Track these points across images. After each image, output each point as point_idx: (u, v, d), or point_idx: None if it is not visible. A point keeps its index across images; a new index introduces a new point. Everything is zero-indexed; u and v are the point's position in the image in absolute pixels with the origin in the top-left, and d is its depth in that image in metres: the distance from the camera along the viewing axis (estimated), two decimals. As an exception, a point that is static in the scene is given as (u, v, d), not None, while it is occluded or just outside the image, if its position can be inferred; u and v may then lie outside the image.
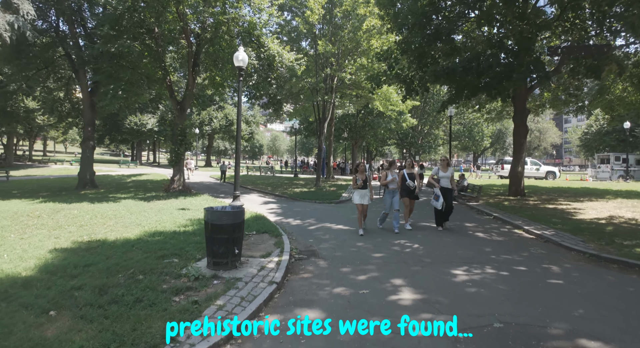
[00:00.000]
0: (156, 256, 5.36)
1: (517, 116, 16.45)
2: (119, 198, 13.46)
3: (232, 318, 3.47)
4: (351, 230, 8.22)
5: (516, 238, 7.62)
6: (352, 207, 12.39)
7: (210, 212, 4.71)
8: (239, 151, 9.92)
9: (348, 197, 15.12)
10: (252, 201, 13.95)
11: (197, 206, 11.21)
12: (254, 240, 6.64)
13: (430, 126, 48.17)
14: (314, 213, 10.78)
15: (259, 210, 11.31)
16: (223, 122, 40.93)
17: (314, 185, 19.17)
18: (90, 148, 19.14)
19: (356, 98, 26.39)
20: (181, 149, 16.21)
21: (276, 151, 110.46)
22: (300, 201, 14.23)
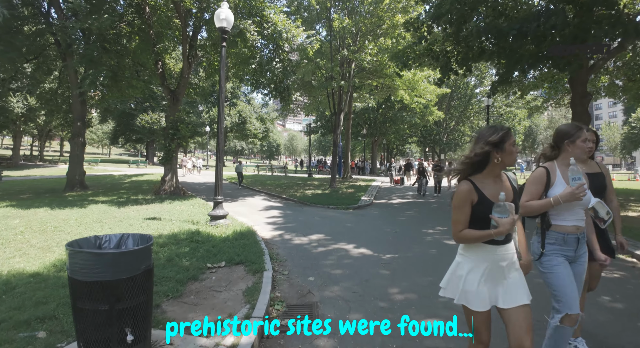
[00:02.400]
0: (20, 320, 2.89)
1: (577, 101, 13.22)
2: (97, 201, 11.35)
3: None
4: (380, 258, 5.50)
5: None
6: (374, 215, 9.66)
7: (74, 254, 2.14)
8: (222, 144, 7.42)
9: (368, 201, 12.40)
10: (251, 207, 11.46)
11: (174, 214, 8.81)
12: (216, 280, 4.06)
13: (456, 122, 44.57)
14: (325, 225, 8.15)
15: (253, 220, 8.79)
16: (236, 120, 38.86)
17: (329, 186, 16.54)
18: (79, 145, 17.19)
19: (377, 89, 23.57)
20: (173, 144, 13.94)
21: (293, 150, 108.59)
22: (310, 207, 11.64)
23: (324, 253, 5.67)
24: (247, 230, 6.74)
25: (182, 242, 5.81)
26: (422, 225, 8.23)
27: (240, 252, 5.09)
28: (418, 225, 8.18)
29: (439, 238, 6.75)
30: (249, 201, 12.84)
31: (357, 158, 54.67)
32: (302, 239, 6.65)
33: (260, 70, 12.38)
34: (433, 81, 23.95)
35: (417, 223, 8.55)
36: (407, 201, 13.27)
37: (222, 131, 7.30)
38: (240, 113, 39.95)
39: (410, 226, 8.02)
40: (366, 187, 17.20)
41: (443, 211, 10.78)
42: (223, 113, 7.24)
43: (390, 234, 7.12)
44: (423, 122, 31.77)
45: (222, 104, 7.19)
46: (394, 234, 7.15)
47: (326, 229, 7.58)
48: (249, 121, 40.03)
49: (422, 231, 7.41)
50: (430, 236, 6.93)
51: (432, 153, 46.96)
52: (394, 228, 7.77)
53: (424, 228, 7.80)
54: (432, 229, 7.75)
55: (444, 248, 5.99)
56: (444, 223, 8.62)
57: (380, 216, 9.53)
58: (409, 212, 10.48)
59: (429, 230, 7.59)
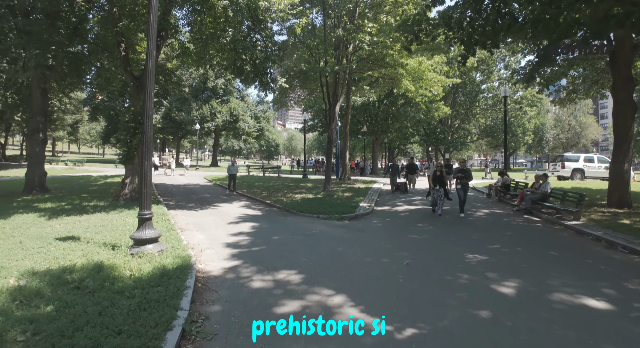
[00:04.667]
0: None
1: (619, 86, 10.98)
2: (37, 209, 9.27)
3: None
4: (391, 336, 3.12)
5: None
6: (375, 230, 7.32)
7: None
8: (150, 133, 5.09)
9: (368, 209, 10.09)
10: (222, 216, 9.14)
11: (105, 231, 6.51)
12: None
13: (462, 120, 42.16)
14: (306, 248, 5.83)
15: (212, 238, 6.49)
16: (227, 118, 36.52)
17: (323, 189, 14.23)
18: (39, 143, 14.95)
19: (378, 82, 21.23)
20: (134, 140, 11.63)
21: (293, 150, 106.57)
22: (296, 216, 9.33)
23: (291, 314, 3.35)
24: (179, 265, 4.42)
25: (62, 287, 3.55)
26: (446, 249, 5.90)
27: (131, 320, 2.77)
28: (439, 250, 5.85)
29: (481, 279, 4.37)
30: (222, 209, 10.53)
31: (357, 157, 52.29)
32: (263, 279, 4.32)
33: (233, 48, 10.05)
34: (440, 71, 21.73)
35: (437, 245, 6.22)
36: (416, 208, 10.94)
37: (150, 115, 4.98)
38: (232, 111, 37.63)
39: (429, 252, 5.68)
40: (366, 190, 14.87)
41: (468, 222, 8.43)
42: (151, 106, 4.94)
43: (400, 269, 4.79)
44: (428, 119, 29.36)
45: (151, 87, 4.90)
46: (406, 267, 4.83)
47: (306, 257, 5.25)
48: (241, 119, 37.70)
49: (448, 263, 5.08)
50: (466, 274, 4.56)
51: (436, 153, 44.56)
52: (404, 254, 5.44)
53: (449, 255, 5.48)
54: (464, 256, 5.42)
55: (498, 302, 3.67)
56: (478, 243, 6.29)
57: (383, 233, 7.20)
58: (422, 225, 8.14)
59: (459, 260, 5.26)
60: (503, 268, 4.81)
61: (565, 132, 66.80)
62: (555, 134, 66.02)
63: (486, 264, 4.98)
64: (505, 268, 4.82)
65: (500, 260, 5.20)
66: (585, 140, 70.71)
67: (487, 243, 6.34)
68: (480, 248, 5.89)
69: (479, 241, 6.48)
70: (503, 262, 5.10)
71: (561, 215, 9.30)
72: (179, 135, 43.62)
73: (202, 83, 38.29)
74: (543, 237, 7.03)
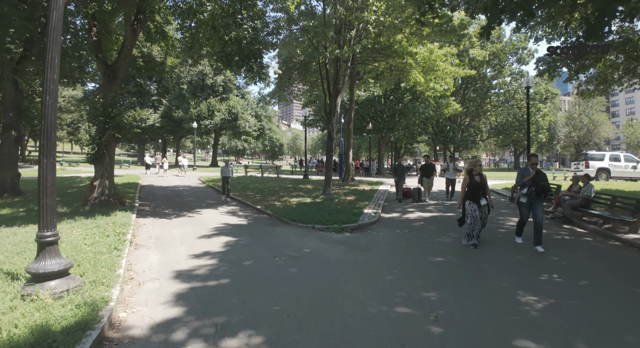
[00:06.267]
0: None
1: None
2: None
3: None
4: None
5: None
6: (384, 250, 5.62)
7: None
8: (51, 130, 3.45)
9: (374, 216, 8.42)
10: (196, 227, 7.52)
11: (31, 250, 4.93)
12: None
13: (472, 117, 40.21)
14: (285, 282, 4.18)
15: (168, 261, 4.87)
16: (226, 116, 34.97)
17: (322, 192, 12.59)
18: (12, 141, 13.51)
19: (384, 74, 19.52)
20: (103, 137, 10.10)
21: (297, 150, 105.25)
22: (286, 226, 7.70)
23: None
24: (79, 320, 2.81)
25: None
26: (486, 281, 4.22)
27: None
28: (477, 284, 4.17)
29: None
30: (201, 217, 8.93)
31: (362, 157, 50.51)
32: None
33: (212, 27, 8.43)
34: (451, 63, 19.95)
35: (471, 275, 4.52)
36: (431, 215, 9.23)
37: (53, 92, 3.37)
38: (230, 109, 36.11)
39: (464, 290, 3.98)
40: (371, 193, 13.18)
41: (501, 236, 6.70)
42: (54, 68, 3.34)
43: (428, 331, 3.12)
44: (437, 116, 27.56)
45: (58, 27, 3.31)
46: (436, 326, 3.17)
47: (282, 302, 3.58)
48: (241, 117, 36.14)
49: (498, 312, 3.40)
50: (534, 343, 2.89)
51: (444, 152, 42.65)
52: (429, 296, 3.76)
53: (493, 295, 3.79)
54: (517, 298, 3.73)
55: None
56: (523, 270, 4.59)
57: (394, 253, 5.52)
58: (443, 240, 6.44)
59: (512, 306, 3.57)
60: (586, 325, 3.12)
61: (578, 130, 64.37)
62: (567, 132, 63.60)
63: (557, 317, 3.28)
64: (592, 325, 3.13)
65: (572, 306, 3.51)
66: (598, 138, 68.23)
67: (535, 270, 4.65)
68: (532, 281, 4.20)
69: (523, 267, 4.80)
70: (579, 311, 3.41)
71: (611, 226, 7.56)
72: (179, 134, 42.28)
73: (201, 80, 36.83)
74: (605, 259, 5.32)
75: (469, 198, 5.96)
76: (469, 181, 6.01)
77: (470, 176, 6.04)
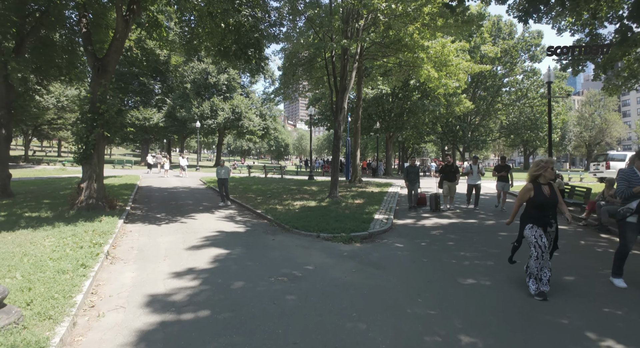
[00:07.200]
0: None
1: None
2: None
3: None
4: None
5: None
6: (403, 262, 4.70)
7: None
8: None
9: (387, 223, 7.53)
10: (186, 235, 6.69)
11: None
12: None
13: (482, 116, 39.00)
14: (280, 318, 3.32)
15: (145, 281, 4.09)
16: (229, 115, 34.23)
17: (328, 195, 11.72)
18: (2, 140, 12.92)
19: (393, 70, 18.60)
20: (91, 135, 9.34)
21: (303, 150, 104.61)
22: (288, 234, 6.85)
23: None
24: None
25: None
26: (535, 318, 3.32)
27: None
28: (524, 322, 3.27)
29: None
30: (195, 223, 8.11)
31: (369, 157, 49.47)
32: None
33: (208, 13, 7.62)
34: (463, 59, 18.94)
35: (513, 305, 3.63)
36: (449, 221, 8.30)
37: None
38: (234, 108, 35.40)
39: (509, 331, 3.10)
40: (381, 196, 12.28)
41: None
42: None
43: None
44: (448, 114, 26.53)
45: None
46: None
47: None
48: (244, 116, 35.40)
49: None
50: None
51: (454, 152, 41.50)
52: (468, 336, 2.88)
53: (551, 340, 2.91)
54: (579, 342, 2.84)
55: None
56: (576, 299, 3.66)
57: (414, 273, 4.60)
58: (468, 254, 5.52)
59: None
60: None
61: (589, 130, 62.69)
62: (578, 132, 61.97)
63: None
64: None
65: None
66: (610, 138, 66.48)
67: (593, 300, 3.74)
68: (595, 318, 3.30)
69: (575, 294, 3.88)
70: None
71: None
72: (184, 134, 41.72)
73: (204, 79, 36.19)
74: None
75: (532, 220, 3.87)
76: (533, 193, 3.86)
77: (535, 186, 3.88)
